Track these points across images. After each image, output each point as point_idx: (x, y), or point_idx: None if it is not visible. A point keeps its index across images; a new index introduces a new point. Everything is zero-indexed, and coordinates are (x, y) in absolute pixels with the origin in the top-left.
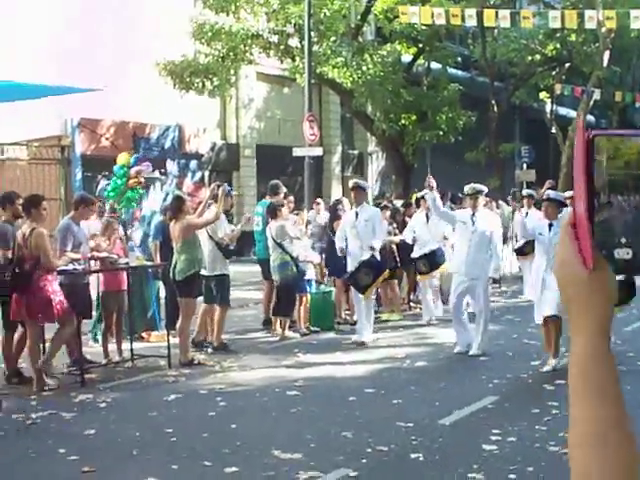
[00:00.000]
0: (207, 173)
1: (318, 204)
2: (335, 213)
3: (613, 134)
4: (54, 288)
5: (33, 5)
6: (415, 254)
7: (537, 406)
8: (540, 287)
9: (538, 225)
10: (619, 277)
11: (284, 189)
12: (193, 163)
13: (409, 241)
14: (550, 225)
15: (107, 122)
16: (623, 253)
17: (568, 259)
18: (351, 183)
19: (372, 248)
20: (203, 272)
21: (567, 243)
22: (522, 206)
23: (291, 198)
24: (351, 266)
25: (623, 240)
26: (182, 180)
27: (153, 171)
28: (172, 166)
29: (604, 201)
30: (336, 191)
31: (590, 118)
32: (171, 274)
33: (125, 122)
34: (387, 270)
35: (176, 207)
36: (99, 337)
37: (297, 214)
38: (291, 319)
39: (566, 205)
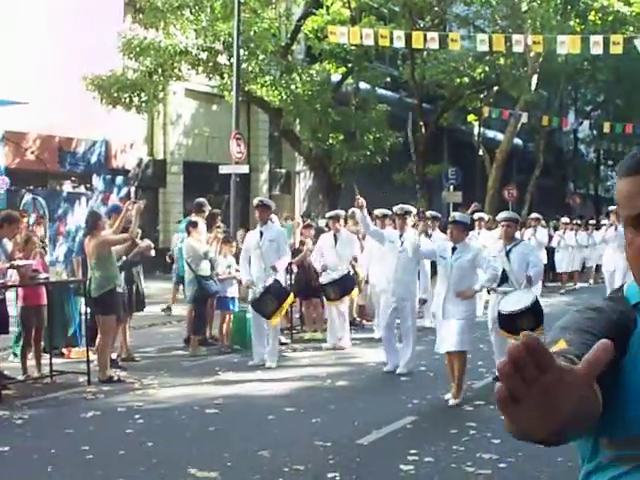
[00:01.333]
0: (133, 189)
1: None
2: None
3: None
4: None
5: None
6: (324, 279)
7: (455, 427)
8: (441, 315)
9: (441, 247)
10: (524, 305)
11: (208, 207)
12: (119, 179)
13: (317, 266)
14: (454, 248)
15: (32, 135)
16: None
17: None
18: (255, 201)
19: (274, 269)
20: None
21: None
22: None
23: (217, 215)
24: (256, 288)
25: None
26: (108, 195)
27: (78, 186)
28: (98, 181)
29: None
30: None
31: (517, 141)
32: (87, 291)
33: (51, 136)
34: (291, 294)
35: (92, 223)
36: (18, 352)
37: (221, 233)
38: (204, 336)
39: (472, 228)
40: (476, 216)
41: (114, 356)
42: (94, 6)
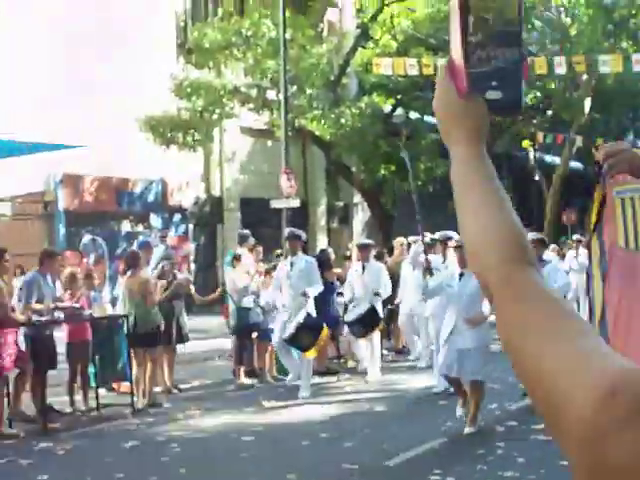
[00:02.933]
0: (191, 226)
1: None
2: (325, 262)
3: None
4: (7, 340)
5: (17, 63)
6: (348, 316)
7: (484, 446)
8: (446, 341)
9: (445, 276)
10: None
11: (252, 239)
12: (177, 217)
13: (346, 299)
14: (461, 275)
15: (90, 178)
16: (494, 94)
17: (444, 90)
18: (286, 232)
19: (304, 294)
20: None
21: (443, 78)
22: None
23: (259, 249)
24: (284, 316)
25: (494, 83)
26: (166, 234)
27: (137, 225)
28: (156, 220)
29: (480, 51)
30: (322, 242)
31: (577, 165)
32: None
33: (108, 177)
34: (325, 327)
35: (133, 262)
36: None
37: (262, 266)
38: (250, 367)
39: None
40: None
41: (159, 389)
42: (147, 49)
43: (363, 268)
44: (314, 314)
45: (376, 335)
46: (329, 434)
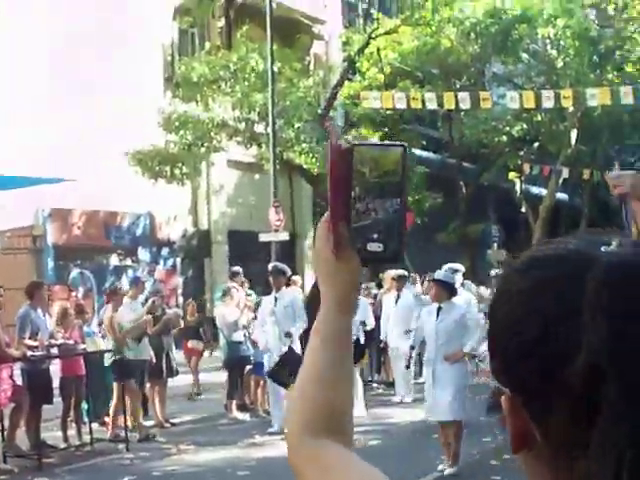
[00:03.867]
0: (179, 260)
1: (295, 283)
2: (318, 298)
3: (371, 144)
4: (2, 376)
5: (2, 99)
6: None
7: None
8: (431, 381)
9: (425, 312)
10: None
11: (241, 275)
12: (165, 250)
13: None
14: (439, 309)
15: (78, 212)
16: (375, 246)
17: (320, 249)
18: (269, 267)
19: (288, 335)
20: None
21: (323, 234)
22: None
23: (245, 285)
24: (270, 356)
25: (375, 236)
26: (154, 267)
27: (125, 259)
28: (144, 254)
29: (361, 205)
30: (309, 276)
31: (563, 196)
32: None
33: (96, 211)
34: None
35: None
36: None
37: (251, 300)
38: (242, 401)
39: (455, 289)
40: (493, 273)
41: (151, 423)
42: (134, 83)
43: None
44: (298, 350)
45: (357, 370)
46: None
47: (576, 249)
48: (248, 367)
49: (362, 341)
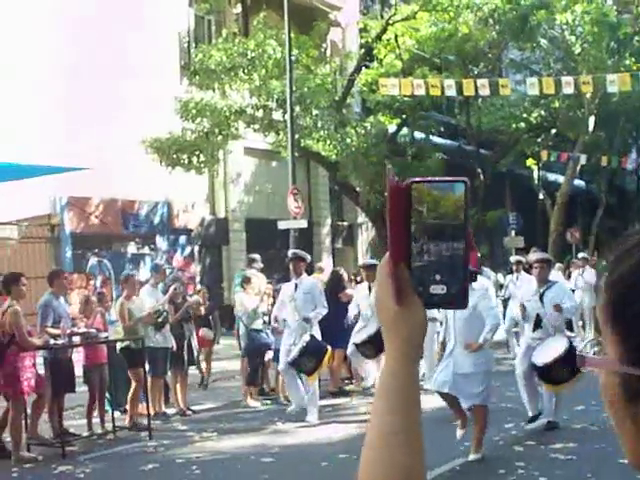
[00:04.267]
0: (197, 248)
1: (321, 270)
2: (339, 283)
3: (431, 181)
4: (24, 364)
5: (21, 84)
6: (356, 338)
7: (504, 467)
8: (452, 367)
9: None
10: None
11: (259, 262)
12: (182, 238)
13: (352, 318)
14: None
15: (95, 200)
16: (438, 289)
17: (382, 296)
18: (289, 253)
19: (307, 320)
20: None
21: (383, 279)
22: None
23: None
24: (289, 339)
25: (438, 277)
26: (172, 255)
27: (142, 247)
28: (161, 242)
29: (422, 245)
30: (327, 263)
31: (580, 183)
32: None
33: (114, 200)
34: (329, 349)
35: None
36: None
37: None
38: (260, 388)
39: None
40: (513, 259)
41: (173, 411)
42: (151, 70)
43: (369, 288)
44: (319, 337)
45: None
46: (348, 455)
47: None
48: (269, 355)
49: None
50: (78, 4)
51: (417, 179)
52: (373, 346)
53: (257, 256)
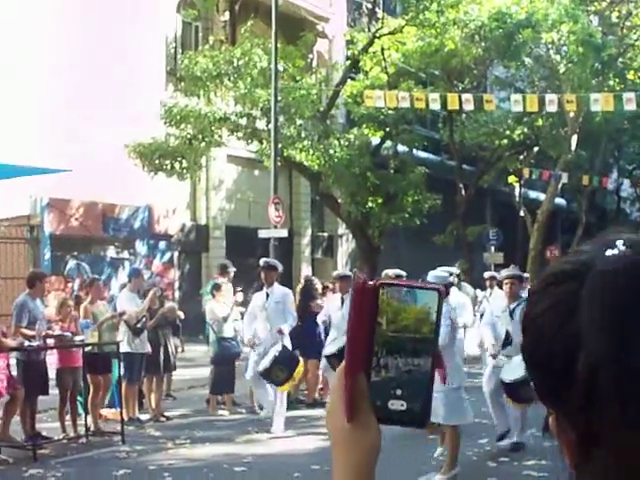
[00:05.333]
0: (176, 254)
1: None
2: (310, 292)
3: (400, 285)
4: None
5: (5, 86)
6: (327, 350)
7: None
8: None
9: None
10: (524, 373)
11: (233, 269)
12: (162, 244)
13: (321, 324)
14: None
15: (76, 202)
16: (398, 404)
17: (334, 407)
18: (261, 262)
19: (280, 332)
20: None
21: (337, 392)
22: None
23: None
24: (259, 349)
25: (398, 392)
26: (151, 260)
27: (122, 251)
28: (141, 247)
29: (381, 358)
30: (307, 272)
31: (561, 201)
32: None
33: (94, 202)
34: (301, 361)
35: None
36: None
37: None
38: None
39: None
40: (487, 275)
41: (147, 416)
42: (136, 75)
43: (342, 300)
44: (289, 347)
45: None
46: (320, 466)
47: (581, 261)
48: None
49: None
50: (66, 7)
51: (385, 280)
52: (342, 359)
53: (228, 262)
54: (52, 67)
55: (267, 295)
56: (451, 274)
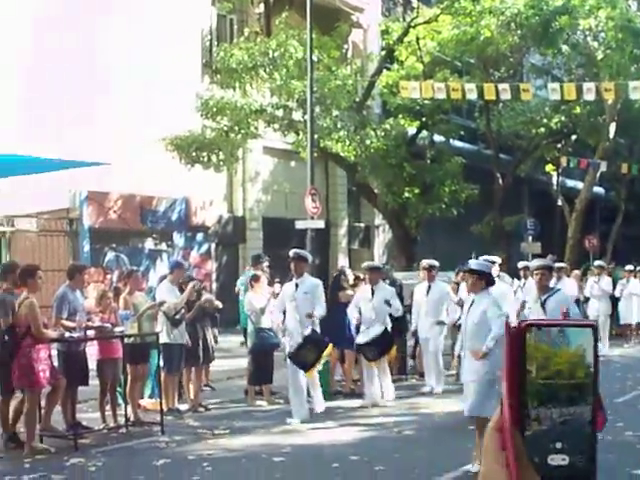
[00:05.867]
0: (214, 245)
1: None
2: (339, 283)
3: (550, 325)
4: (40, 356)
5: (43, 80)
6: (360, 339)
7: None
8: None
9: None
10: None
11: (266, 260)
12: (200, 235)
13: (354, 320)
14: (472, 302)
15: (115, 195)
16: (559, 459)
17: (493, 472)
18: (290, 253)
19: (310, 315)
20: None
21: (493, 452)
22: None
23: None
24: (291, 341)
25: (558, 445)
26: (188, 252)
27: (160, 243)
28: (179, 238)
29: (532, 411)
30: (343, 263)
31: (599, 190)
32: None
33: (132, 195)
34: (330, 344)
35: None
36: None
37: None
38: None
39: (492, 278)
40: (521, 265)
41: (186, 407)
42: (172, 68)
43: (372, 292)
44: (318, 330)
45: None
46: (359, 457)
47: None
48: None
49: (389, 330)
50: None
51: (535, 321)
52: (376, 348)
53: (261, 253)
54: (91, 62)
55: (296, 285)
56: (493, 263)
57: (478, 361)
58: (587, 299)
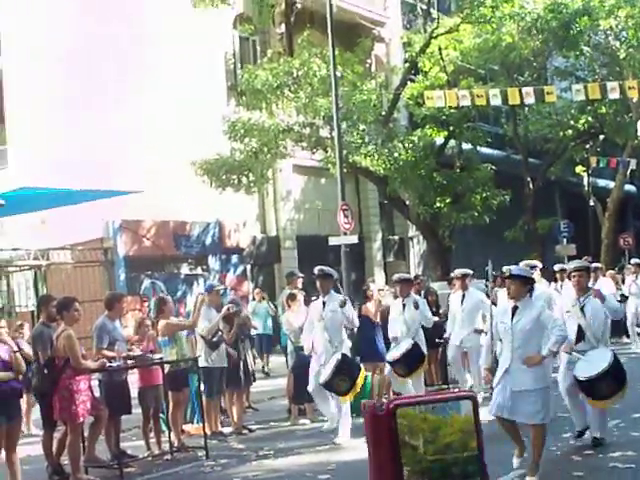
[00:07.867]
0: (249, 267)
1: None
2: (363, 298)
3: (412, 402)
4: (80, 387)
5: (70, 109)
6: (390, 356)
7: (562, 477)
8: (504, 383)
9: (500, 311)
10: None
11: (300, 277)
12: (234, 257)
13: (390, 336)
14: (515, 308)
15: (148, 223)
16: None
17: None
18: (315, 270)
19: (343, 303)
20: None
21: None
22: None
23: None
24: (318, 362)
25: None
26: (224, 275)
27: (195, 267)
28: (214, 262)
29: None
30: (379, 277)
31: (630, 188)
32: None
33: (165, 222)
34: (362, 368)
35: (157, 308)
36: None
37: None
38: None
39: (533, 281)
40: (557, 267)
41: (229, 430)
42: (199, 92)
43: (403, 306)
44: (349, 355)
45: (420, 374)
46: None
47: None
48: None
49: (420, 344)
50: (128, 23)
51: (398, 400)
52: (406, 365)
53: (294, 271)
54: (120, 90)
55: (324, 304)
56: (534, 267)
57: (531, 369)
58: (625, 297)
